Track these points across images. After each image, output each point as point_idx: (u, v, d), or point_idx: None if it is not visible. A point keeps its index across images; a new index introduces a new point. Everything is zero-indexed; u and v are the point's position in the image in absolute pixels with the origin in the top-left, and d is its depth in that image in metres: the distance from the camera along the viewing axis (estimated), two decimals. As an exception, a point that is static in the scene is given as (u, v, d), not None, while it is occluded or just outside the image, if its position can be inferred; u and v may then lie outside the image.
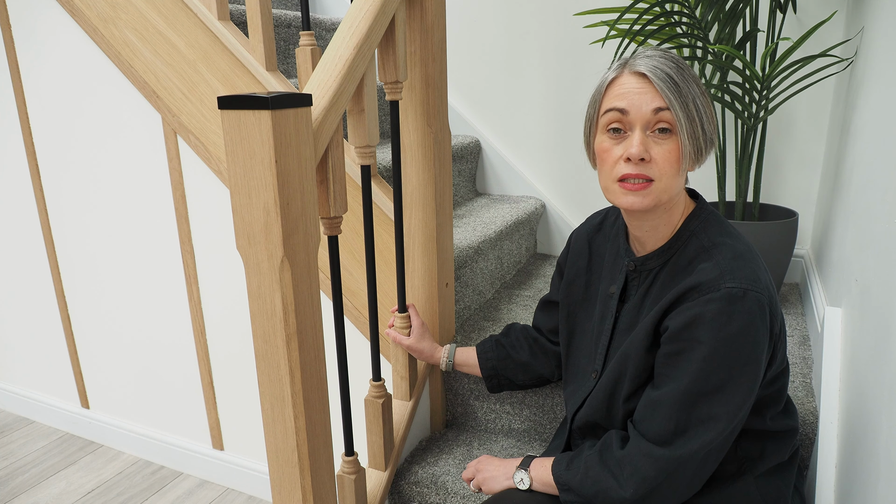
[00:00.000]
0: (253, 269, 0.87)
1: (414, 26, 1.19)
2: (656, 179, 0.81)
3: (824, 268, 1.46)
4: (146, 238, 1.69)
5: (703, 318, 0.78)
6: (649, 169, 0.80)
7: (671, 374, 0.82)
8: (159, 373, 1.82)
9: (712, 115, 0.83)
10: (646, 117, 0.80)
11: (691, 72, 0.82)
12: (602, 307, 0.98)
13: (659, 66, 0.80)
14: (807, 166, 1.73)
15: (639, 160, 0.80)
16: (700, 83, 0.82)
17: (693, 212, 0.88)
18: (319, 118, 0.90)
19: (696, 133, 0.81)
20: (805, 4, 1.63)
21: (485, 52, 2.04)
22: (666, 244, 0.88)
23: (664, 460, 0.81)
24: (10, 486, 1.80)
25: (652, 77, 0.79)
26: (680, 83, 0.79)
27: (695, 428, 0.80)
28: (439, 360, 1.28)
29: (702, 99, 0.81)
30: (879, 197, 0.97)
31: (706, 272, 0.81)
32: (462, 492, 1.24)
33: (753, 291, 0.78)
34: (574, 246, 1.07)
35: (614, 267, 0.98)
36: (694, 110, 0.80)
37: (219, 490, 1.78)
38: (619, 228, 0.99)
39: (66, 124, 1.71)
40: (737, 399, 0.79)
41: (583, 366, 1.01)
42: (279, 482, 0.96)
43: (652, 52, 0.82)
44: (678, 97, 0.79)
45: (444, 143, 1.28)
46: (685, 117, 0.79)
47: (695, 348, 0.79)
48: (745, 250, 0.83)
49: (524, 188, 2.08)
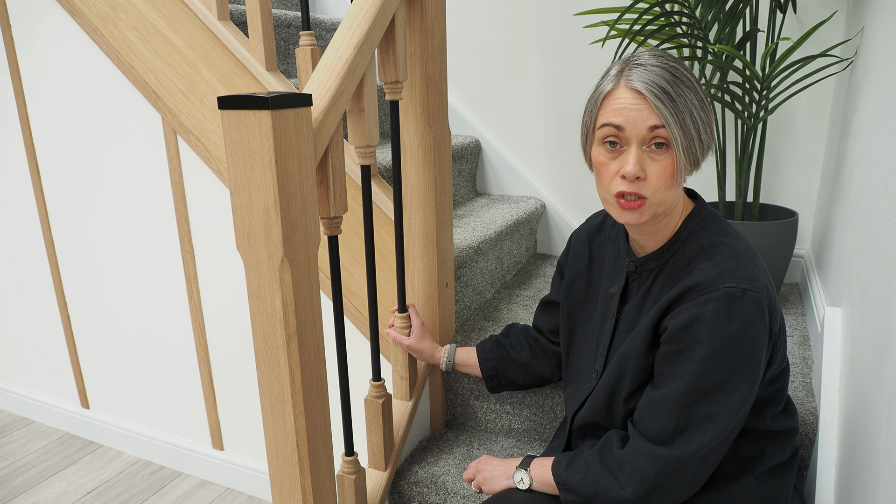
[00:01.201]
0: (253, 269, 0.87)
1: (414, 26, 1.19)
2: (649, 196, 0.81)
3: (824, 268, 1.46)
4: (146, 238, 1.69)
5: (702, 318, 0.79)
6: (643, 187, 0.81)
7: (671, 374, 0.82)
8: (159, 373, 1.82)
9: (710, 121, 0.83)
10: (641, 134, 0.80)
11: (688, 76, 0.81)
12: (603, 307, 0.98)
13: (654, 81, 0.79)
14: (807, 166, 1.73)
15: (634, 178, 0.80)
16: (697, 87, 0.81)
17: (692, 212, 0.89)
18: (319, 118, 0.90)
19: (692, 146, 0.80)
20: (805, 4, 1.63)
21: (485, 52, 2.04)
22: (665, 245, 0.89)
23: (664, 460, 0.81)
24: (10, 486, 1.80)
25: (647, 94, 0.78)
26: (676, 97, 0.78)
27: (694, 428, 0.80)
28: (439, 361, 1.28)
29: (699, 108, 0.80)
30: (879, 197, 0.97)
31: (705, 272, 0.81)
32: (462, 492, 1.24)
33: (752, 291, 0.78)
34: (574, 246, 1.07)
35: (615, 267, 0.98)
36: (690, 123, 0.79)
37: (219, 490, 1.78)
38: (619, 229, 0.99)
39: (66, 125, 1.71)
40: (736, 399, 0.79)
41: (583, 366, 1.01)
42: (279, 482, 0.96)
43: (647, 60, 0.81)
44: (673, 113, 0.78)
45: (444, 143, 1.28)
46: (681, 133, 0.79)
47: (694, 348, 0.79)
48: (744, 250, 0.83)
49: (524, 188, 2.08)
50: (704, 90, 0.84)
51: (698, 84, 0.82)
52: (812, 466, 1.10)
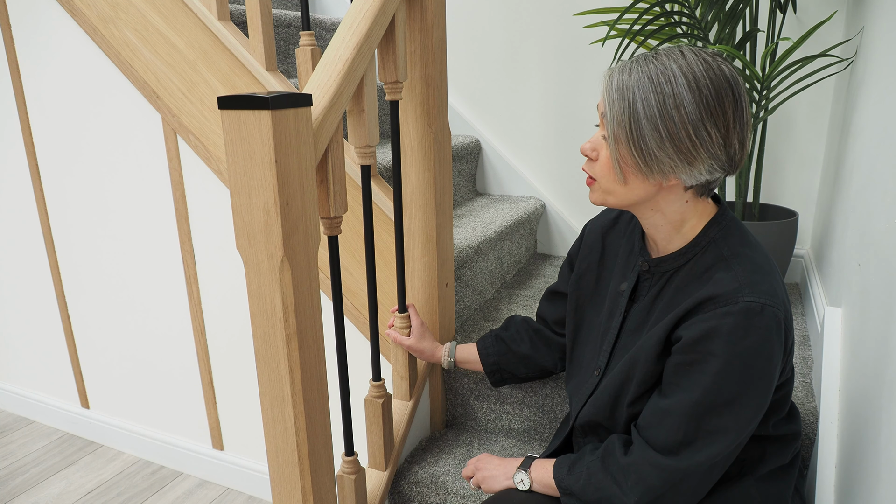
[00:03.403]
0: (253, 269, 0.87)
1: (414, 26, 1.19)
2: (598, 179, 0.84)
3: (824, 268, 1.46)
4: (146, 238, 1.69)
5: (719, 332, 0.77)
6: (592, 168, 0.85)
7: (682, 385, 0.80)
8: (159, 372, 1.82)
9: (682, 136, 0.76)
10: (601, 120, 0.83)
11: (670, 76, 0.75)
12: (611, 304, 0.97)
13: (623, 74, 0.78)
14: (807, 166, 1.73)
15: (586, 156, 0.85)
16: (681, 104, 0.75)
17: (714, 218, 0.86)
18: (319, 118, 0.90)
19: (630, 146, 0.77)
20: (805, 4, 1.63)
21: (485, 52, 2.04)
22: (683, 248, 0.86)
23: (670, 470, 0.80)
24: (10, 486, 1.80)
25: (606, 81, 0.80)
26: (626, 90, 0.76)
27: (703, 439, 0.79)
28: (440, 359, 1.28)
29: (658, 119, 0.75)
30: (879, 197, 0.97)
31: (724, 283, 0.79)
32: (462, 492, 1.24)
33: (771, 307, 0.77)
34: (587, 239, 1.05)
35: (627, 264, 0.96)
36: (629, 124, 0.76)
37: (219, 490, 1.78)
38: (634, 225, 0.98)
39: (67, 126, 1.71)
40: (747, 413, 0.78)
41: (586, 361, 1.00)
42: (279, 482, 0.96)
43: (646, 58, 0.79)
44: (613, 107, 0.78)
45: (444, 143, 1.28)
46: (615, 127, 0.78)
47: (708, 361, 0.78)
48: (765, 262, 0.82)
49: (524, 188, 2.08)
50: (706, 103, 0.76)
51: (695, 95, 0.75)
52: (812, 466, 1.10)
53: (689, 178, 0.80)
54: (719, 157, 0.78)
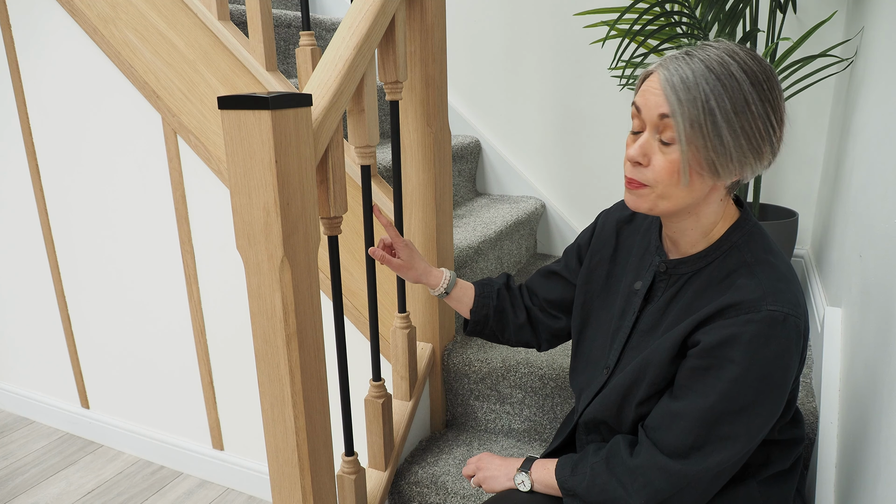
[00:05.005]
0: (253, 269, 0.87)
1: (414, 26, 1.19)
2: (651, 186, 0.78)
3: (824, 268, 1.46)
4: (146, 238, 1.69)
5: (740, 339, 0.76)
6: (643, 174, 0.78)
7: (696, 389, 0.79)
8: (159, 373, 1.82)
9: (756, 131, 0.75)
10: (654, 121, 0.77)
11: (737, 75, 0.73)
12: (623, 302, 0.95)
13: (679, 69, 0.74)
14: (807, 166, 1.73)
15: (635, 163, 0.78)
16: (744, 89, 0.73)
17: (737, 222, 0.84)
18: (319, 118, 0.90)
19: (707, 147, 0.74)
20: (805, 4, 1.63)
21: (485, 52, 2.04)
22: (704, 251, 0.84)
23: (678, 475, 0.80)
24: (10, 486, 1.80)
25: (663, 80, 0.75)
26: (696, 92, 0.73)
27: (713, 445, 0.79)
28: (434, 282, 1.14)
29: (731, 111, 0.73)
30: (879, 197, 0.97)
31: (747, 290, 0.78)
32: (462, 492, 1.24)
33: (794, 317, 0.76)
34: (600, 231, 1.03)
35: (642, 263, 0.94)
36: (706, 124, 0.73)
37: (219, 490, 1.78)
38: (651, 223, 0.95)
39: (67, 126, 1.71)
40: (759, 421, 0.78)
41: (595, 358, 0.99)
42: (279, 482, 0.96)
43: (699, 47, 0.76)
44: (682, 106, 0.73)
45: (444, 143, 1.28)
46: (688, 129, 0.74)
47: (725, 367, 0.77)
48: (787, 270, 0.80)
49: (524, 188, 2.08)
50: (766, 96, 0.74)
51: (757, 87, 0.74)
52: (812, 466, 1.10)
53: (750, 174, 0.78)
54: (776, 148, 0.77)
